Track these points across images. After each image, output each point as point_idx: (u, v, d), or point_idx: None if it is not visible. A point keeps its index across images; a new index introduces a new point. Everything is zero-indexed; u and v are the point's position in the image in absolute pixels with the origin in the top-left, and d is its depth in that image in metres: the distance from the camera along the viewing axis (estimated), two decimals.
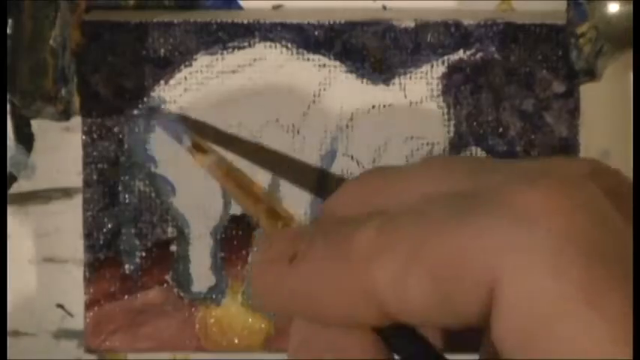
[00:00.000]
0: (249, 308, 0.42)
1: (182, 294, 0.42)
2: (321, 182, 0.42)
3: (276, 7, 0.43)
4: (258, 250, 0.27)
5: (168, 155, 0.42)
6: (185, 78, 0.42)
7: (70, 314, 0.44)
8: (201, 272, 0.42)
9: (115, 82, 0.42)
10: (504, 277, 0.23)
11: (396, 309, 0.24)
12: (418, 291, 0.24)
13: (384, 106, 0.42)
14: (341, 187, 0.29)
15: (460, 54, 0.42)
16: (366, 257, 0.25)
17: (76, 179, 0.43)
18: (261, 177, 0.41)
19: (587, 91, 0.42)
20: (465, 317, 0.24)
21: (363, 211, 0.26)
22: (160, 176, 0.42)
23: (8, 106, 0.42)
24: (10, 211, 0.43)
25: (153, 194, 0.42)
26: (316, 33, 0.42)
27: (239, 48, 0.42)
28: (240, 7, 0.43)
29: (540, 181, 0.24)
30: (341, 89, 0.42)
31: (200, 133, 0.38)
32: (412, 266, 0.24)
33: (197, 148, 0.36)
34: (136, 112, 0.42)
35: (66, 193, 0.44)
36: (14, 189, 0.44)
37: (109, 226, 0.42)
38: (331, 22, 0.42)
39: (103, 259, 0.42)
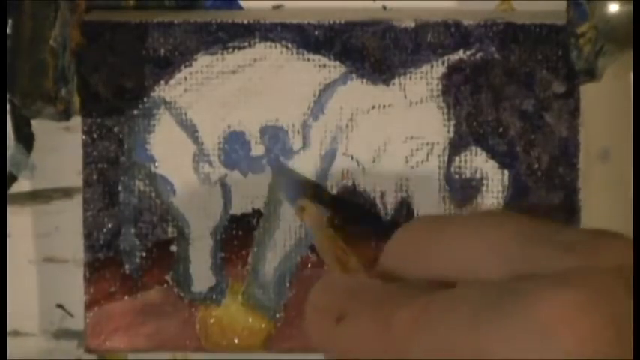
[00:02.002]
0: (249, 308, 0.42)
1: (182, 294, 0.42)
2: (320, 183, 0.42)
3: (276, 7, 0.43)
4: (313, 294, 0.30)
5: (168, 155, 0.42)
6: (185, 78, 0.42)
7: (70, 314, 0.44)
8: (201, 272, 0.42)
9: (115, 82, 0.42)
10: None
11: None
12: None
13: (384, 106, 0.42)
14: (396, 233, 0.31)
15: (460, 54, 0.42)
16: (403, 337, 0.27)
17: (76, 179, 0.43)
18: None
19: (587, 91, 0.42)
20: None
21: (411, 271, 0.29)
22: (160, 176, 0.42)
23: (8, 106, 0.42)
24: (10, 211, 0.43)
25: (153, 194, 0.42)
26: (316, 33, 0.42)
27: (239, 48, 0.42)
28: (240, 7, 0.43)
29: (567, 292, 0.25)
30: (341, 89, 0.42)
31: (309, 196, 0.39)
32: (442, 354, 0.26)
33: (302, 210, 0.38)
34: (136, 112, 0.42)
35: (66, 193, 0.44)
36: (14, 189, 0.44)
37: (109, 226, 0.42)
38: (331, 22, 0.42)
39: (103, 259, 0.42)
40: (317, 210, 0.38)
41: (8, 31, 0.39)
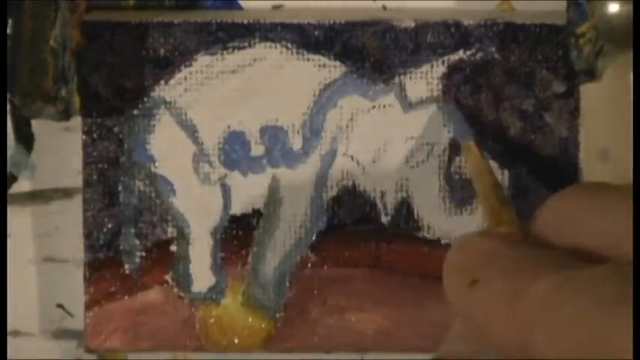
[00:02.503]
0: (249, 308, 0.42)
1: (182, 294, 0.42)
2: (320, 182, 0.42)
3: (276, 7, 0.43)
4: (452, 252, 0.29)
5: (168, 155, 0.42)
6: (185, 78, 0.42)
7: (70, 314, 0.44)
8: (201, 272, 0.42)
9: (115, 82, 0.42)
10: None
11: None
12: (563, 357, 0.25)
13: (384, 106, 0.42)
14: (551, 198, 0.30)
15: (460, 54, 0.42)
16: (534, 308, 0.26)
17: (76, 179, 0.43)
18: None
19: (587, 91, 0.42)
20: None
21: (561, 238, 0.28)
22: (160, 176, 0.42)
23: (8, 106, 0.42)
24: (10, 211, 0.44)
25: (153, 194, 0.42)
26: (316, 33, 0.42)
27: (239, 48, 0.42)
28: (240, 7, 0.43)
29: None
30: (341, 89, 0.42)
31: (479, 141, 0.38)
32: (565, 336, 0.25)
33: (468, 150, 0.36)
34: (136, 112, 0.42)
35: (66, 193, 0.44)
36: (14, 189, 0.44)
37: (109, 226, 0.42)
38: (331, 22, 0.42)
39: (103, 259, 0.42)
40: (482, 154, 0.36)
41: (8, 31, 0.39)
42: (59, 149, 0.43)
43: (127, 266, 0.42)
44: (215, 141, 0.42)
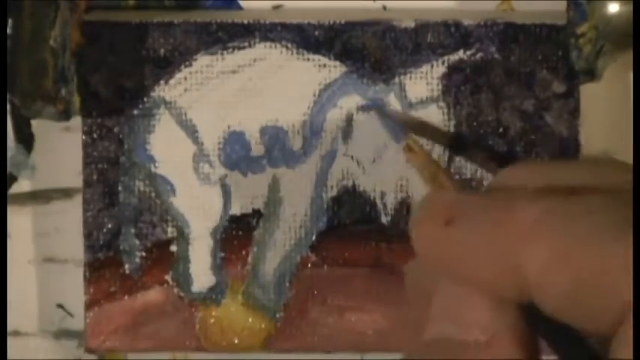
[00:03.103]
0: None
1: (182, 294, 0.42)
2: (320, 182, 0.42)
3: (276, 7, 0.43)
4: (417, 210, 0.28)
5: (168, 155, 0.42)
6: (185, 78, 0.42)
7: (70, 314, 0.44)
8: (201, 272, 0.42)
9: (115, 82, 0.42)
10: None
11: (535, 295, 0.25)
12: (559, 288, 0.24)
13: (384, 106, 0.42)
14: (504, 170, 0.29)
15: (460, 54, 0.42)
16: (523, 237, 0.25)
17: (76, 179, 0.43)
18: None
19: (587, 91, 0.42)
20: (593, 327, 0.24)
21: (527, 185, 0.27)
22: (160, 176, 0.42)
23: (8, 106, 0.42)
24: (10, 211, 0.43)
25: (153, 194, 0.42)
26: (316, 33, 0.42)
27: (239, 48, 0.42)
28: (240, 7, 0.43)
29: None
30: (341, 89, 0.42)
31: (414, 132, 0.38)
32: (561, 263, 0.24)
33: (409, 148, 0.37)
34: (136, 112, 0.42)
35: (66, 193, 0.44)
36: (14, 189, 0.44)
37: (109, 226, 0.42)
38: (331, 22, 0.42)
39: (103, 259, 0.42)
40: (423, 147, 0.37)
41: (8, 31, 0.39)
42: (59, 149, 0.43)
43: (127, 266, 0.42)
44: (215, 141, 0.42)
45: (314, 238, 0.42)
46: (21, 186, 0.44)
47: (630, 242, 0.23)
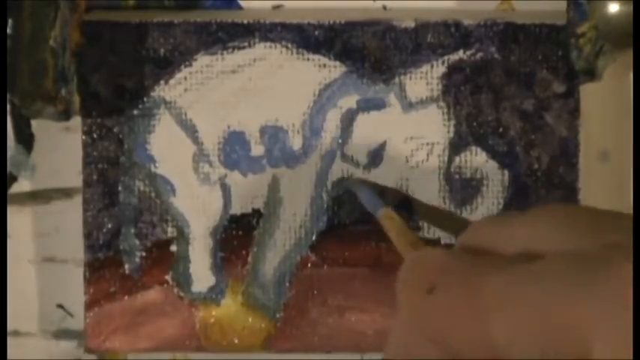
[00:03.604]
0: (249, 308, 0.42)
1: (182, 294, 0.42)
2: (320, 182, 0.42)
3: (276, 7, 0.43)
4: (402, 275, 0.31)
5: (168, 155, 0.42)
6: (185, 78, 0.42)
7: (70, 314, 0.44)
8: (201, 272, 0.42)
9: (115, 82, 0.42)
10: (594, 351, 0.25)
11: (506, 356, 0.27)
12: (525, 348, 0.26)
13: (384, 106, 0.42)
14: (470, 226, 0.32)
15: (460, 54, 0.42)
16: (490, 306, 0.27)
17: (76, 179, 0.43)
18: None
19: (587, 91, 0.42)
20: None
21: (495, 247, 0.30)
22: (160, 176, 0.42)
23: (8, 106, 0.42)
24: (10, 211, 0.43)
25: (153, 194, 0.42)
26: (316, 33, 0.42)
27: (239, 48, 0.42)
28: (240, 7, 0.43)
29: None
30: (341, 89, 0.42)
31: (393, 204, 0.40)
32: (525, 327, 0.26)
33: (389, 219, 0.38)
34: (136, 112, 0.42)
35: (66, 193, 0.44)
36: (14, 189, 0.44)
37: (109, 226, 0.42)
38: (331, 22, 0.42)
39: (103, 259, 0.42)
40: (399, 218, 0.38)
41: (8, 31, 0.39)
42: (59, 149, 0.43)
43: (127, 266, 0.42)
44: (215, 141, 0.42)
45: (314, 238, 0.42)
46: (21, 186, 0.44)
47: (589, 296, 0.25)
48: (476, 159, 0.42)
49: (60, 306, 0.44)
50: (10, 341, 0.44)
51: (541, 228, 0.29)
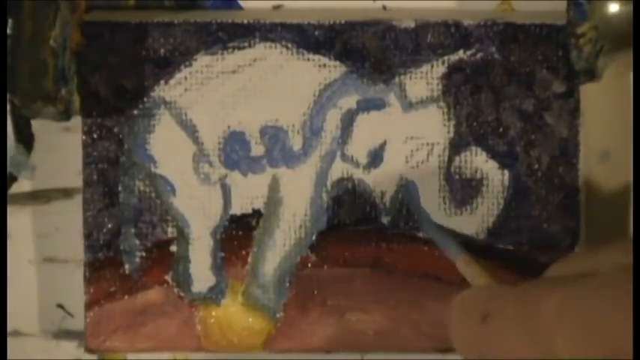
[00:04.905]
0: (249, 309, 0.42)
1: (182, 294, 0.42)
2: (320, 182, 0.42)
3: (276, 7, 0.43)
4: (456, 306, 0.33)
5: (168, 155, 0.42)
6: (185, 78, 0.42)
7: (70, 314, 0.44)
8: (201, 272, 0.42)
9: (115, 82, 0.42)
10: None
11: None
12: (591, 356, 0.27)
13: (384, 106, 0.42)
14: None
15: (460, 54, 0.42)
16: (550, 325, 0.28)
17: (76, 179, 0.43)
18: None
19: (587, 91, 0.42)
20: None
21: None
22: (160, 176, 0.42)
23: (8, 106, 0.42)
24: (10, 211, 0.44)
25: (153, 194, 0.42)
26: (316, 33, 0.42)
27: (239, 48, 0.42)
28: (240, 7, 0.43)
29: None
30: (341, 89, 0.42)
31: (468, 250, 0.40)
32: (589, 339, 0.27)
33: (468, 264, 0.39)
34: (136, 112, 0.42)
35: (66, 193, 0.44)
36: (14, 189, 0.44)
37: (109, 226, 0.42)
38: (331, 22, 0.42)
39: (103, 259, 0.42)
40: (476, 263, 0.39)
41: (8, 31, 0.39)
42: (59, 149, 0.43)
43: (127, 266, 0.42)
44: (215, 141, 0.42)
45: (314, 238, 0.42)
46: (21, 186, 0.44)
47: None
48: (476, 159, 0.42)
49: (60, 306, 0.44)
50: (10, 341, 0.44)
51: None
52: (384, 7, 0.43)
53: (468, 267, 0.39)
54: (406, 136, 0.42)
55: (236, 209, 0.42)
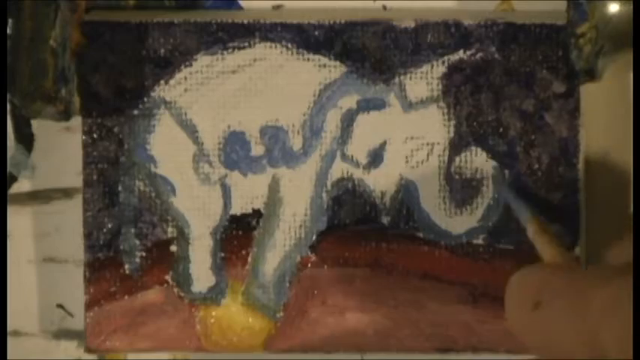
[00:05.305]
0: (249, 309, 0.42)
1: (182, 294, 0.42)
2: (320, 182, 0.42)
3: (276, 7, 0.43)
4: (510, 290, 0.35)
5: (168, 155, 0.42)
6: (185, 78, 0.42)
7: (70, 314, 0.44)
8: (201, 272, 0.42)
9: (115, 82, 0.42)
10: None
11: (614, 355, 0.29)
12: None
13: (384, 106, 0.42)
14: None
15: (460, 54, 0.42)
16: (597, 318, 0.29)
17: (76, 179, 0.43)
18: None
19: (587, 91, 0.42)
20: None
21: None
22: (160, 176, 0.42)
23: (8, 106, 0.42)
24: (10, 211, 0.44)
25: (153, 194, 0.42)
26: (316, 33, 0.42)
27: (239, 48, 0.42)
28: (240, 7, 0.43)
29: None
30: (341, 89, 0.42)
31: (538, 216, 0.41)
32: (630, 332, 0.28)
33: (539, 227, 0.40)
34: (136, 112, 0.42)
35: (66, 193, 0.44)
36: (14, 189, 0.44)
37: (109, 226, 0.42)
38: (331, 22, 0.42)
39: (103, 259, 0.42)
40: (547, 233, 0.39)
41: (8, 31, 0.39)
42: (59, 149, 0.43)
43: (127, 266, 0.42)
44: (215, 141, 0.42)
45: (314, 238, 0.42)
46: (21, 186, 0.44)
47: None
48: (476, 159, 0.42)
49: (60, 306, 0.44)
50: (10, 341, 0.44)
51: None
52: (384, 7, 0.43)
53: (538, 235, 0.39)
54: (406, 136, 0.42)
55: (236, 209, 0.42)
